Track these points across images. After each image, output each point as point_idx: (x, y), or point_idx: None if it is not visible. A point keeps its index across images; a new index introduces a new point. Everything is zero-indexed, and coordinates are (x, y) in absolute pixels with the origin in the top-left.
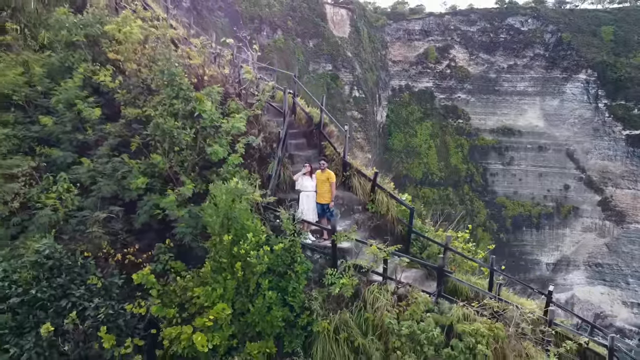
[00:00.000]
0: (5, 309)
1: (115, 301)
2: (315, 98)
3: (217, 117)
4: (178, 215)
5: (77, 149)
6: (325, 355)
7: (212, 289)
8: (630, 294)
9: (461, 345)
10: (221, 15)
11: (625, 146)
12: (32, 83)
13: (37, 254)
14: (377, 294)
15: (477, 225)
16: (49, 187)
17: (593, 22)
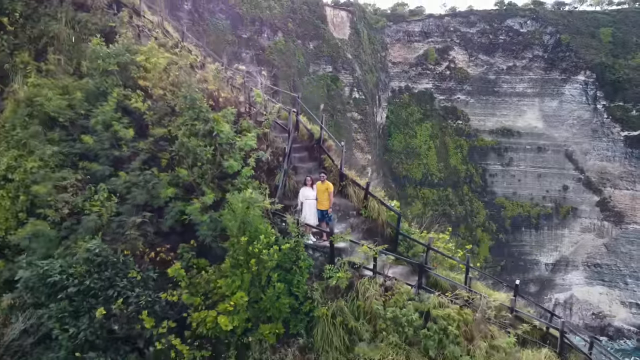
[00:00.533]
0: (64, 297)
1: (151, 291)
2: (315, 100)
3: (232, 136)
4: (201, 220)
5: (113, 163)
6: (324, 335)
7: (231, 281)
8: (629, 294)
9: (435, 327)
10: (222, 18)
11: (624, 147)
12: (73, 106)
13: (88, 252)
14: (367, 286)
15: (476, 225)
16: (91, 196)
17: (592, 24)
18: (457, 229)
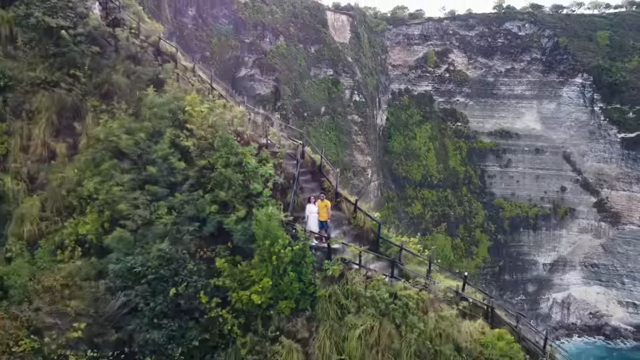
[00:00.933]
0: (145, 282)
1: (203, 278)
2: (315, 104)
3: (256, 166)
4: (235, 228)
5: (169, 186)
6: (323, 310)
7: (259, 271)
8: (626, 293)
9: (400, 303)
10: (225, 23)
11: (621, 149)
12: (138, 143)
13: (159, 251)
14: (354, 275)
15: (475, 226)
16: (156, 211)
17: (589, 27)
18: (456, 229)
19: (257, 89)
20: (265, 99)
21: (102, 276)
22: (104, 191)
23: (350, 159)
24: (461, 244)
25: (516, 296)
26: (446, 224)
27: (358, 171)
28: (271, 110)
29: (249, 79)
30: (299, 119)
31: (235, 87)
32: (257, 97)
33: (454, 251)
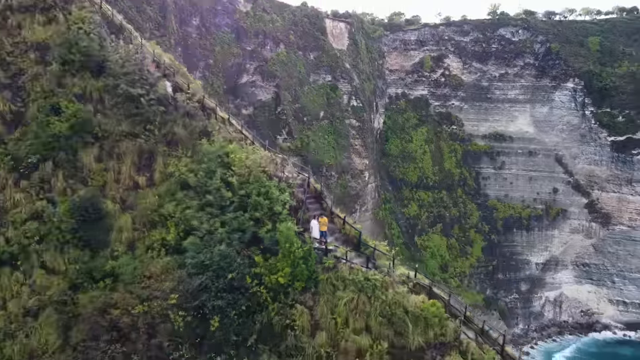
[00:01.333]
0: (211, 271)
1: (247, 267)
2: (314, 109)
3: (277, 194)
4: (265, 236)
5: (221, 208)
6: (323, 288)
7: (282, 263)
8: (616, 292)
9: (370, 283)
10: (228, 31)
11: (610, 152)
12: (200, 179)
13: (220, 251)
14: (342, 267)
15: (469, 226)
16: (213, 225)
17: (580, 33)
18: (451, 229)
19: (258, 95)
20: (266, 104)
21: (182, 267)
22: (179, 212)
23: (348, 162)
24: (456, 244)
25: (509, 295)
26: (441, 225)
27: (356, 174)
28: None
29: (251, 85)
30: (298, 123)
31: (237, 93)
32: (258, 102)
33: (449, 251)
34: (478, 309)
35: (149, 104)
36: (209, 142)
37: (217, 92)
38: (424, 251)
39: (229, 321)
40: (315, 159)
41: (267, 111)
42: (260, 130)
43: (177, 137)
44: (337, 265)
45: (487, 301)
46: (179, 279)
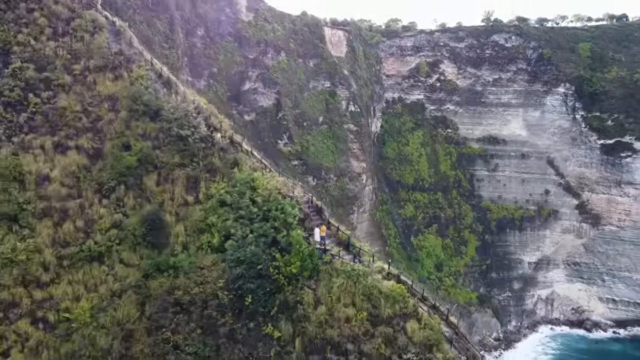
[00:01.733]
0: (244, 264)
1: (271, 262)
2: (313, 114)
3: (290, 210)
4: (282, 240)
5: (250, 219)
6: (322, 276)
7: (294, 259)
8: (606, 290)
9: (356, 272)
10: (231, 40)
11: (600, 154)
12: (234, 198)
13: (250, 250)
14: (336, 261)
15: (464, 227)
16: (245, 232)
17: (572, 39)
18: (446, 230)
19: (260, 102)
20: (267, 110)
21: (224, 261)
22: (220, 222)
23: (346, 165)
24: (451, 244)
25: (502, 293)
26: (437, 225)
27: (354, 176)
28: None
29: (253, 92)
30: (299, 128)
31: (240, 100)
32: (260, 108)
33: (444, 251)
34: (472, 307)
35: (194, 141)
36: (239, 171)
37: (220, 99)
38: (420, 251)
39: (258, 298)
40: (315, 162)
41: (268, 117)
42: (261, 135)
43: (215, 167)
44: (333, 260)
45: (481, 299)
46: (222, 269)
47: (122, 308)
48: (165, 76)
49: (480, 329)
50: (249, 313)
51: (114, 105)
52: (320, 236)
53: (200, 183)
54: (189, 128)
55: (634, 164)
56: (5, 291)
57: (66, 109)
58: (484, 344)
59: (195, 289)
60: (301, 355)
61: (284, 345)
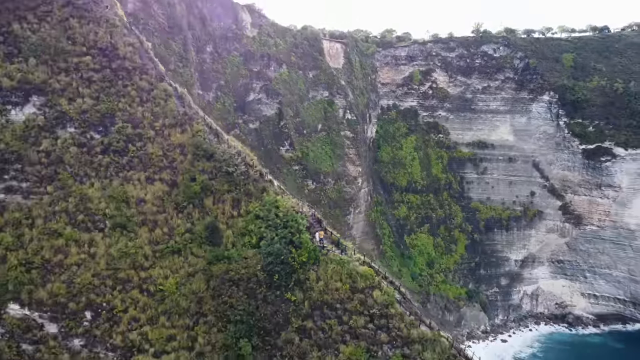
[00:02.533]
0: (271, 256)
1: (289, 254)
2: (313, 122)
3: (301, 221)
4: (296, 241)
5: (276, 227)
6: (321, 263)
7: (304, 252)
8: (587, 286)
9: (342, 261)
10: (237, 55)
11: (582, 159)
12: (264, 214)
13: (277, 248)
14: (330, 254)
15: (454, 226)
16: (272, 235)
17: (556, 50)
18: (437, 229)
19: (263, 111)
20: (270, 119)
21: (260, 254)
22: (255, 229)
23: (343, 169)
24: (442, 243)
25: (490, 289)
26: (429, 225)
27: (350, 180)
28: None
29: (257, 102)
30: (299, 135)
31: (245, 110)
32: (264, 117)
33: (435, 249)
34: (461, 301)
35: (236, 175)
36: (267, 195)
37: (228, 110)
38: (412, 249)
39: (281, 277)
40: (314, 167)
41: (271, 125)
42: (265, 142)
43: (251, 192)
44: (328, 253)
45: (470, 294)
46: (258, 259)
47: (195, 283)
48: (214, 128)
49: (469, 322)
50: (276, 286)
51: (183, 151)
52: (320, 238)
53: (241, 203)
54: (233, 166)
55: (613, 168)
56: (123, 272)
57: (152, 153)
58: (472, 336)
59: (242, 270)
60: (308, 311)
61: (298, 305)
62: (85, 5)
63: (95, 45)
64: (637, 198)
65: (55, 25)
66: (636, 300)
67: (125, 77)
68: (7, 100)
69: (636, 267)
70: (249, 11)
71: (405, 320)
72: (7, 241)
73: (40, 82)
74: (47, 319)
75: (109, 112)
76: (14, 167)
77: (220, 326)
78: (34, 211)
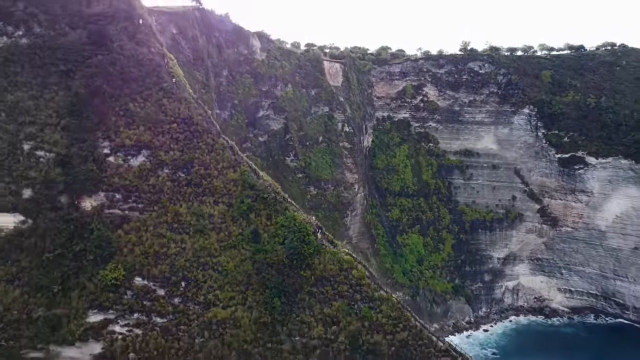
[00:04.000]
0: (292, 249)
1: (303, 248)
2: (314, 135)
3: (309, 227)
4: (307, 240)
5: (294, 232)
6: (321, 254)
7: (312, 247)
8: (563, 282)
9: (333, 252)
10: (248, 77)
11: (558, 166)
12: (287, 223)
13: (295, 244)
14: (327, 248)
15: (442, 227)
16: (291, 238)
17: (536, 67)
18: (427, 230)
19: (271, 126)
20: (277, 133)
21: (284, 248)
22: (281, 233)
23: (341, 176)
24: (431, 242)
25: (475, 284)
26: (419, 226)
27: (347, 186)
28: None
29: (265, 118)
30: (302, 147)
31: (255, 125)
32: (271, 132)
33: (424, 248)
34: (448, 295)
35: (269, 199)
36: (287, 211)
37: (240, 125)
38: (404, 248)
39: (298, 262)
40: (316, 175)
41: (278, 138)
42: (273, 153)
43: (278, 210)
44: (325, 247)
45: (456, 289)
46: (284, 251)
47: (245, 265)
48: (253, 168)
49: (455, 313)
50: (294, 267)
51: (235, 184)
52: (321, 237)
53: (272, 217)
54: (267, 193)
55: (585, 175)
56: (202, 259)
57: (217, 186)
58: (457, 326)
59: (274, 258)
60: (313, 282)
61: (307, 278)
62: (171, 89)
63: (179, 116)
64: (607, 202)
65: (154, 103)
66: (606, 295)
67: (198, 136)
68: (128, 153)
69: (606, 264)
70: (259, 37)
71: (371, 287)
72: (133, 240)
73: (147, 141)
74: (158, 287)
75: (189, 159)
76: (134, 194)
77: (261, 291)
78: (147, 222)
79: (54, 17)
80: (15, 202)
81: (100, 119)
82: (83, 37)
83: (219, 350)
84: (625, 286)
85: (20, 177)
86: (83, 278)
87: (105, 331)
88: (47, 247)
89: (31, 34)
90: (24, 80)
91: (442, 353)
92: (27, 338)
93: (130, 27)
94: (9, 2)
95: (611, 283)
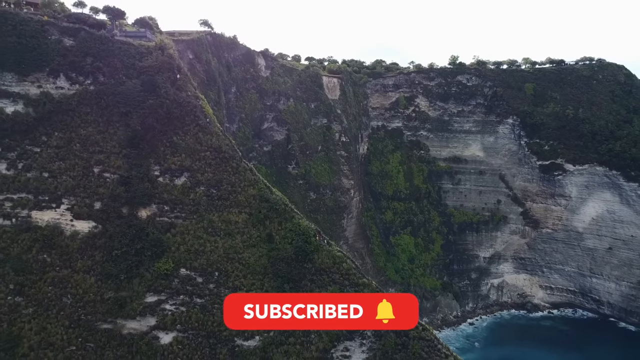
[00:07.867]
0: (298, 248)
1: (307, 247)
2: (314, 144)
3: (312, 232)
4: (311, 241)
5: (300, 235)
6: (321, 250)
7: (313, 245)
8: (545, 279)
9: (329, 249)
10: (254, 92)
11: (539, 172)
12: (295, 227)
13: (301, 244)
14: (324, 247)
15: (432, 229)
16: (298, 239)
17: (519, 80)
18: (418, 231)
19: (275, 137)
20: (280, 143)
21: (292, 246)
22: (289, 235)
23: (338, 182)
24: (421, 242)
25: (462, 281)
26: (411, 227)
27: (344, 191)
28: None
29: (270, 129)
30: (303, 156)
31: (260, 136)
32: (275, 142)
33: (415, 247)
34: (437, 291)
35: (280, 209)
36: (294, 219)
37: (247, 137)
38: (397, 248)
39: (302, 257)
40: (315, 181)
41: (281, 148)
42: (276, 162)
43: (287, 218)
44: (323, 246)
45: (444, 286)
46: (292, 249)
47: (262, 260)
48: (268, 186)
49: (443, 308)
50: (300, 261)
51: (254, 198)
52: (319, 239)
53: (282, 223)
54: (278, 205)
55: (564, 181)
56: (230, 254)
57: (240, 200)
58: (445, 320)
59: (284, 254)
60: (314, 272)
61: (309, 269)
62: (205, 125)
63: (211, 146)
64: (584, 206)
65: (192, 136)
66: (584, 291)
67: (226, 161)
68: (174, 175)
69: (584, 263)
70: (263, 56)
71: (357, 276)
72: (178, 241)
73: (187, 166)
74: (197, 275)
75: (219, 180)
76: (178, 206)
77: (275, 279)
78: (188, 227)
79: (115, 69)
80: (89, 212)
81: (152, 149)
82: (137, 85)
83: None
84: (600, 283)
85: (92, 193)
86: (142, 269)
87: (159, 308)
88: (114, 246)
89: (97, 82)
90: (93, 119)
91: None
92: (100, 313)
93: (172, 76)
94: (80, 58)
95: (588, 280)
